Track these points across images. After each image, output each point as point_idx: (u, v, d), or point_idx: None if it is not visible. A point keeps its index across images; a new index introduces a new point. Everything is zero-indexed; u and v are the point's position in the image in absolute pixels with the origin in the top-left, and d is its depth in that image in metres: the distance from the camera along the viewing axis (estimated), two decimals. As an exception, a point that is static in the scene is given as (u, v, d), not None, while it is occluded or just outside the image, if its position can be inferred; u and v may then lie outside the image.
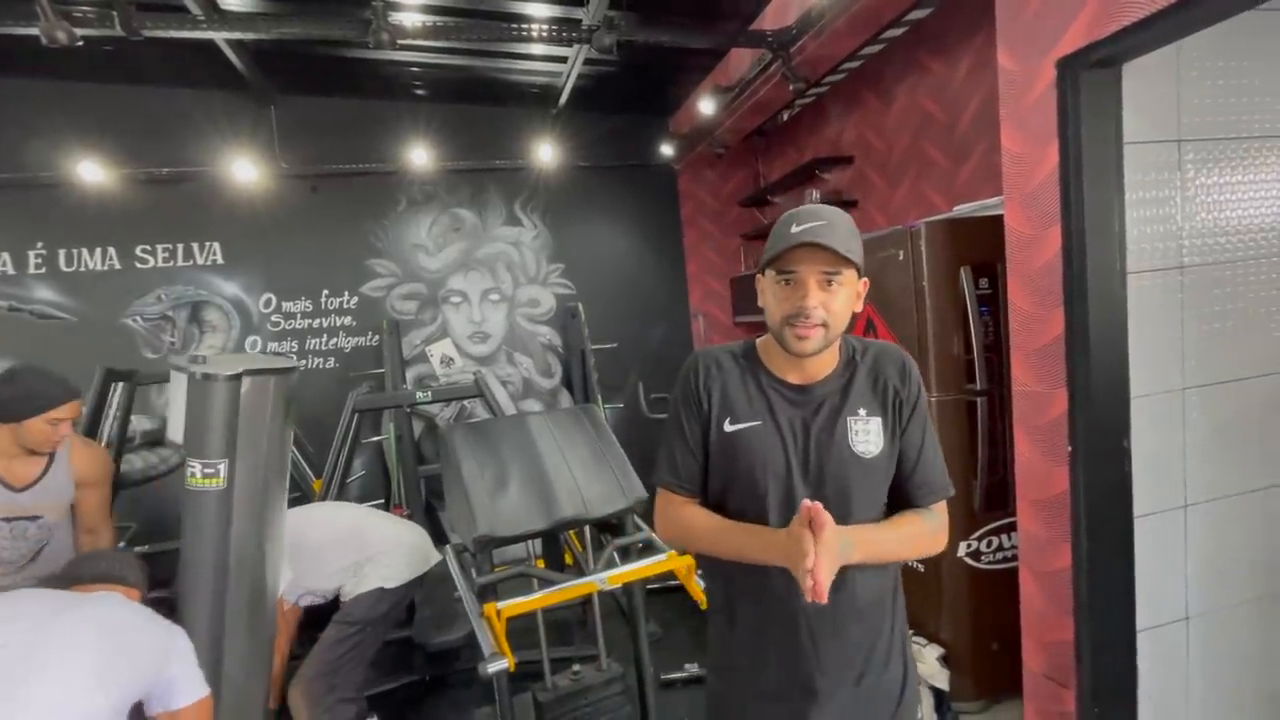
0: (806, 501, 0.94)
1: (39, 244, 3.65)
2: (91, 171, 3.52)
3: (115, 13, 2.38)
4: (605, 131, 4.49)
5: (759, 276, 1.09)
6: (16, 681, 1.13)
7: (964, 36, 2.83)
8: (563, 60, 3.66)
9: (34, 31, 2.31)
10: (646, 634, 2.07)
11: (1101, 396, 1.65)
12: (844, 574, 0.99)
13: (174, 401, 1.69)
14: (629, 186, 4.68)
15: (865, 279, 1.07)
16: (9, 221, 3.59)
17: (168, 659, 1.38)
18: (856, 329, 2.63)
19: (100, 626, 1.28)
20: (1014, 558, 2.30)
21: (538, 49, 3.57)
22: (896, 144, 3.37)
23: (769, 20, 3.08)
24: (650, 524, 1.48)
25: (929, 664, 2.31)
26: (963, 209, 2.52)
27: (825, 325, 1.01)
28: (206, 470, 1.62)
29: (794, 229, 0.99)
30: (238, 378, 1.66)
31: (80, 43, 2.37)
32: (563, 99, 4.02)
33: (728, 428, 1.08)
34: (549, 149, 4.15)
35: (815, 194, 3.97)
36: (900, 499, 1.11)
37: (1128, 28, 1.44)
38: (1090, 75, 1.58)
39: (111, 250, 3.77)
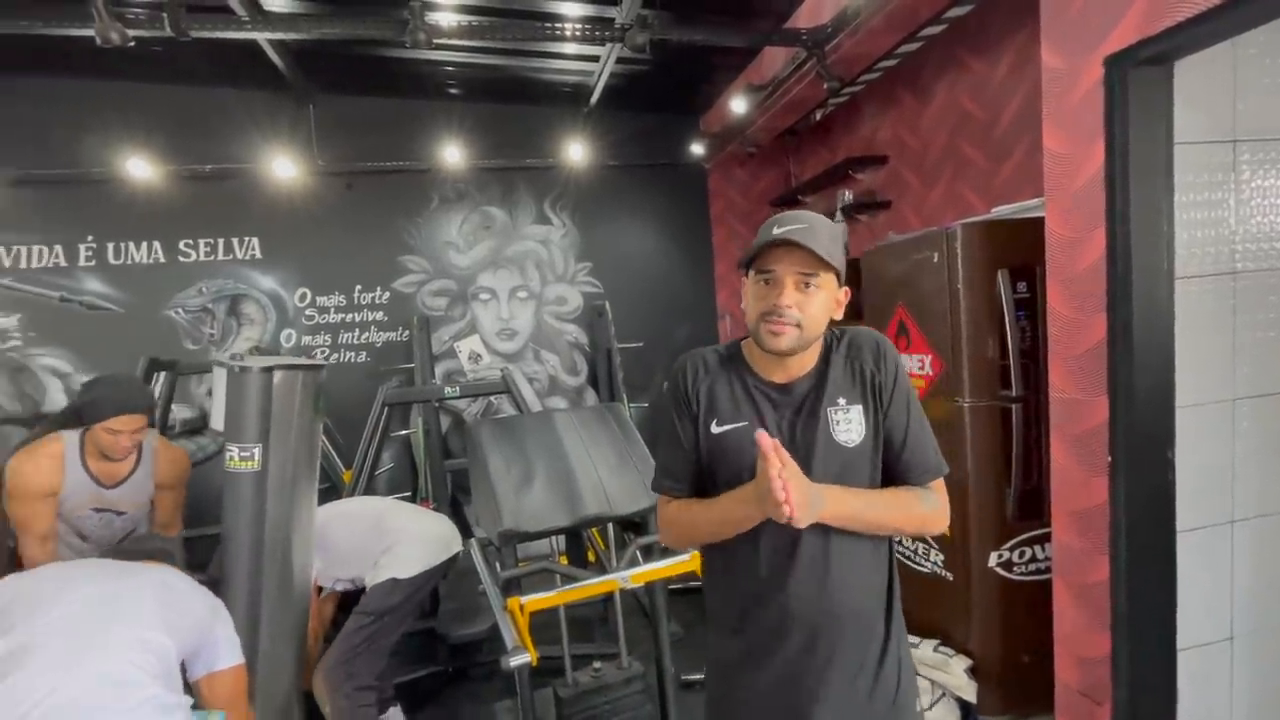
0: (761, 434, 0.94)
1: (89, 238, 3.80)
2: (139, 168, 3.65)
3: (165, 14, 2.46)
4: (635, 130, 4.49)
5: (742, 279, 1.10)
6: (108, 620, 1.38)
7: (1005, 33, 2.76)
8: (595, 59, 3.68)
9: (89, 33, 2.40)
10: (668, 634, 2.07)
11: (1145, 405, 1.59)
12: (837, 565, 1.05)
13: (216, 393, 1.82)
14: (658, 185, 4.68)
15: (847, 288, 1.08)
16: (62, 216, 3.74)
17: (214, 620, 1.58)
18: (889, 332, 2.59)
19: (159, 586, 1.52)
20: (1048, 569, 2.23)
21: (570, 48, 3.58)
22: (933, 143, 3.31)
23: (803, 18, 3.05)
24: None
25: (956, 675, 2.26)
26: (1001, 210, 2.46)
27: (800, 326, 1.01)
28: (243, 454, 1.75)
29: (775, 230, 1.01)
30: (269, 371, 1.81)
31: (132, 43, 2.46)
32: (594, 98, 4.03)
33: (714, 429, 1.09)
34: (579, 148, 4.17)
35: (848, 194, 3.92)
36: (894, 482, 1.10)
37: (1181, 24, 1.39)
38: (1140, 73, 1.52)
39: (156, 244, 3.90)
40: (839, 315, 1.07)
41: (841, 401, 1.07)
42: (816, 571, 1.05)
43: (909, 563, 2.56)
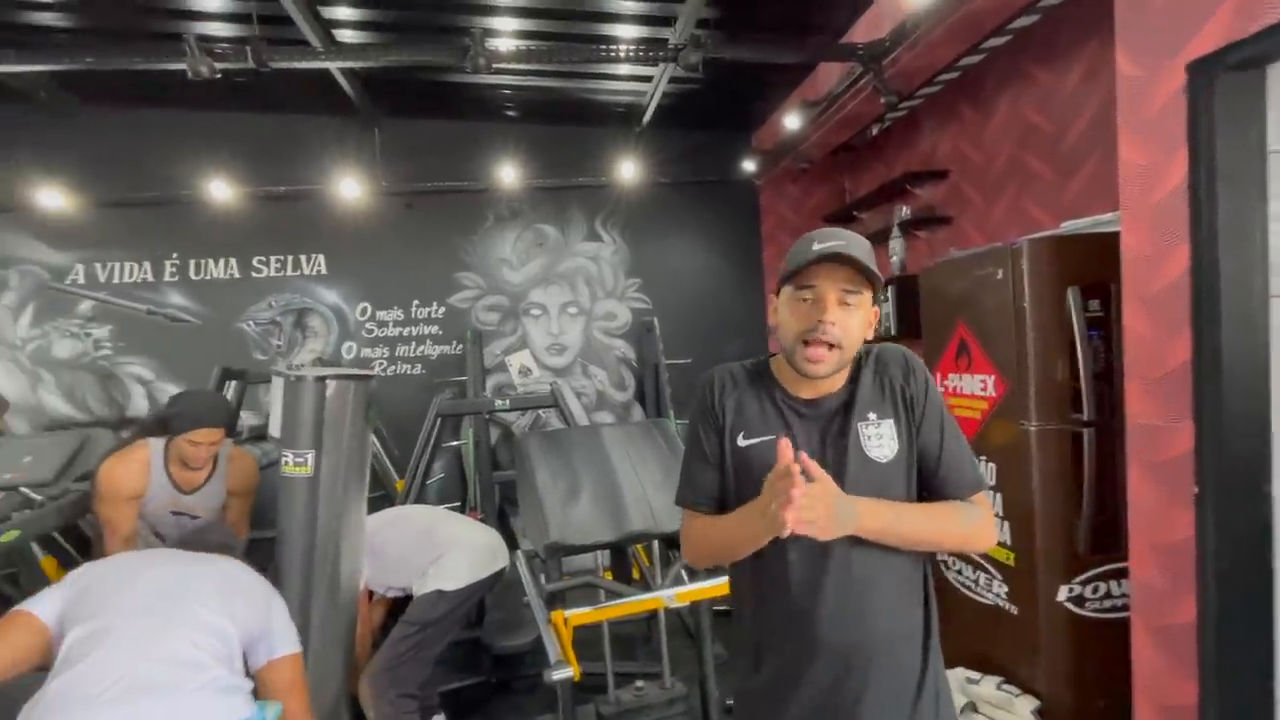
0: (783, 442, 0.92)
1: (174, 255, 4.08)
2: (220, 190, 3.90)
3: (249, 47, 2.63)
4: (687, 148, 4.52)
5: (772, 296, 1.10)
6: (176, 603, 1.48)
7: (1075, 42, 2.66)
8: (648, 79, 3.73)
9: (182, 66, 2.59)
10: (712, 655, 2.02)
11: (1237, 433, 1.47)
12: (869, 590, 1.02)
13: (274, 402, 1.88)
14: (709, 202, 4.68)
15: (877, 308, 1.07)
16: (151, 235, 4.03)
17: (270, 608, 1.65)
18: (949, 351, 2.49)
19: (224, 573, 1.63)
20: (1124, 606, 2.08)
21: (624, 69, 3.65)
22: (996, 158, 3.20)
23: (860, 33, 3.01)
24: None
25: (1022, 716, 2.12)
26: (1071, 225, 2.35)
27: (840, 347, 1.00)
28: (297, 459, 1.82)
29: (815, 246, 1.00)
30: (323, 381, 1.88)
31: (219, 75, 2.64)
32: (647, 116, 4.08)
33: (741, 443, 1.08)
34: (631, 166, 4.22)
35: (905, 209, 3.82)
36: (934, 498, 1.08)
37: (1276, 25, 1.30)
38: (1228, 78, 1.43)
39: (233, 261, 4.15)
40: (870, 335, 1.06)
41: (872, 416, 1.05)
42: (848, 596, 1.02)
43: (968, 592, 2.43)
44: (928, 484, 1.07)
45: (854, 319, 1.01)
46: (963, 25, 2.46)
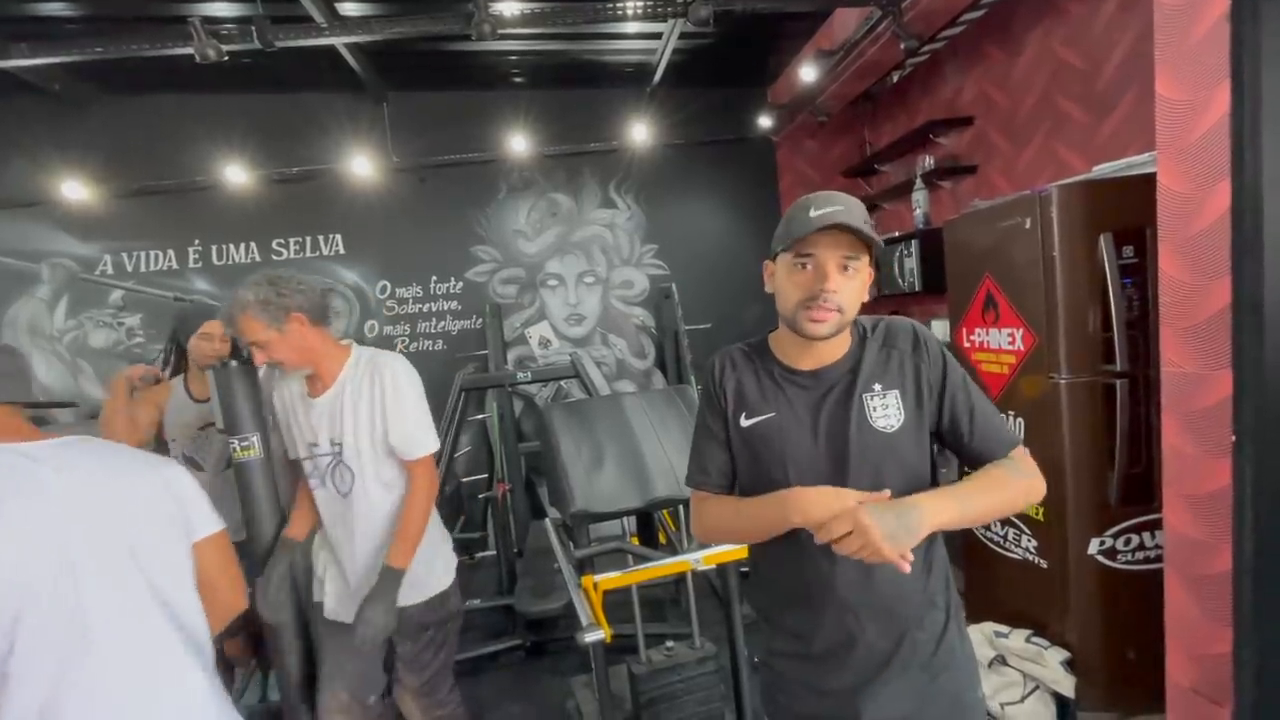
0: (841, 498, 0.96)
1: (196, 241, 4.13)
2: (236, 174, 3.93)
3: (253, 27, 2.61)
4: (700, 107, 4.40)
5: (768, 263, 1.10)
6: None
7: (1108, -28, 2.50)
8: (657, 36, 3.62)
9: (189, 51, 2.58)
10: (740, 615, 2.06)
11: (1278, 379, 1.42)
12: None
13: (212, 393, 1.83)
14: (724, 162, 4.58)
15: (873, 270, 1.07)
16: (174, 223, 4.08)
17: None
18: (975, 305, 2.43)
19: None
20: (1157, 558, 2.06)
21: (632, 27, 3.54)
22: (1024, 100, 3.06)
23: (876, -25, 2.87)
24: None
25: (1052, 668, 2.13)
26: (1104, 169, 2.25)
27: (840, 310, 1.00)
28: (243, 444, 1.76)
29: (813, 213, 0.99)
30: (249, 362, 1.77)
31: (225, 58, 2.63)
32: (657, 76, 3.98)
33: (744, 422, 1.09)
34: (643, 128, 4.13)
35: (929, 160, 3.70)
36: (976, 465, 1.08)
37: (1329, -61, 1.20)
38: (1275, 4, 1.33)
39: (253, 244, 4.20)
40: (868, 297, 1.06)
41: (877, 387, 1.05)
42: (859, 560, 1.01)
43: (996, 548, 2.43)
44: (965, 452, 1.08)
45: (854, 284, 1.02)
46: (987, -41, 2.32)
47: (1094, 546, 2.11)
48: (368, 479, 1.69)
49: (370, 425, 1.67)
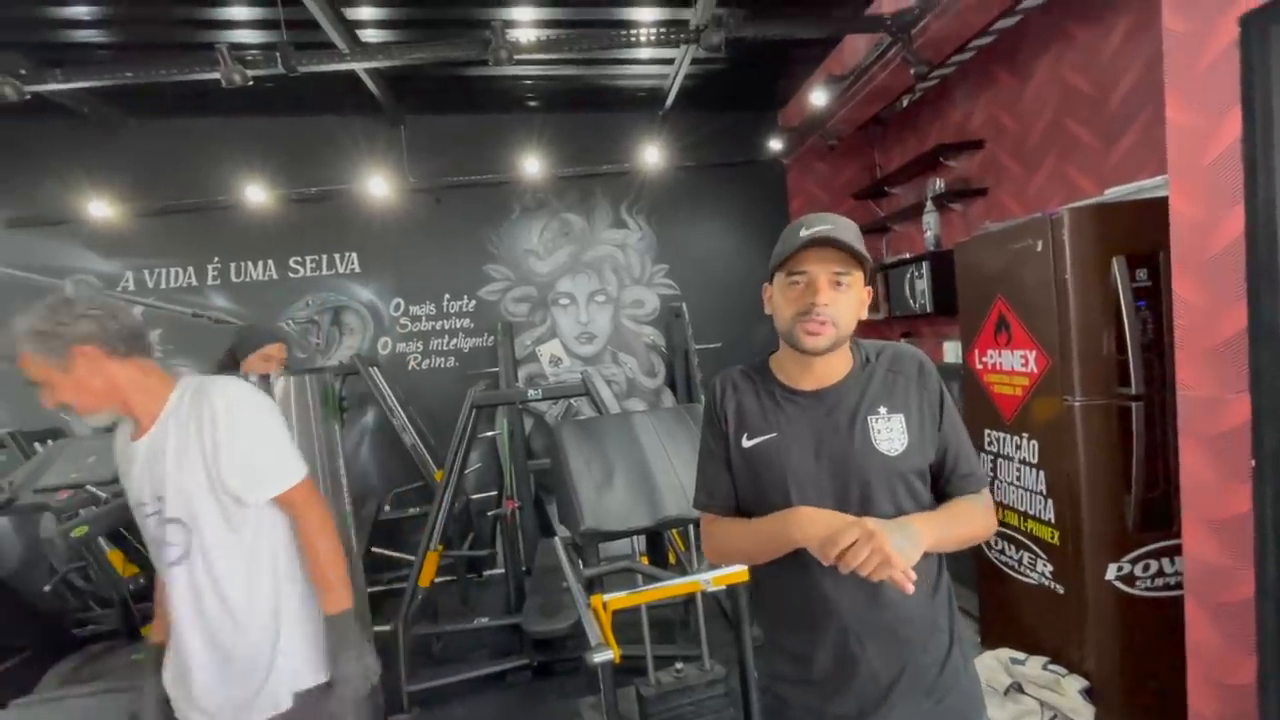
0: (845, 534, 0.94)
1: (215, 259, 4.21)
2: (256, 194, 4.01)
3: (278, 53, 2.69)
4: (711, 130, 4.46)
5: (766, 285, 1.11)
6: None
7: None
8: (669, 62, 3.68)
9: (215, 76, 2.66)
10: (750, 637, 2.03)
11: (1298, 404, 1.40)
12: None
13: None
14: (735, 184, 4.63)
15: (870, 288, 1.08)
16: (194, 241, 4.17)
17: None
18: (987, 327, 2.43)
19: None
20: (1177, 585, 2.02)
21: (645, 53, 3.61)
22: (1034, 124, 3.08)
23: (887, 3, 2.92)
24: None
25: (1069, 696, 2.09)
26: (1116, 192, 2.25)
27: (834, 324, 1.02)
28: None
29: (804, 232, 1.02)
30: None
31: (250, 83, 2.71)
32: (669, 100, 4.04)
33: (745, 443, 1.10)
34: (654, 151, 4.19)
35: (939, 182, 3.72)
36: (947, 495, 1.10)
37: (1336, -32, 1.22)
38: (1284, 28, 1.35)
39: (270, 262, 4.27)
40: (864, 315, 1.08)
41: (882, 410, 1.06)
42: (865, 583, 1.01)
43: (1011, 572, 2.39)
44: (944, 485, 1.10)
45: (846, 299, 1.03)
46: (996, -13, 2.36)
47: (1112, 572, 2.07)
48: (207, 543, 1.30)
49: (205, 470, 1.29)
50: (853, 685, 1.05)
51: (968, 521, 1.06)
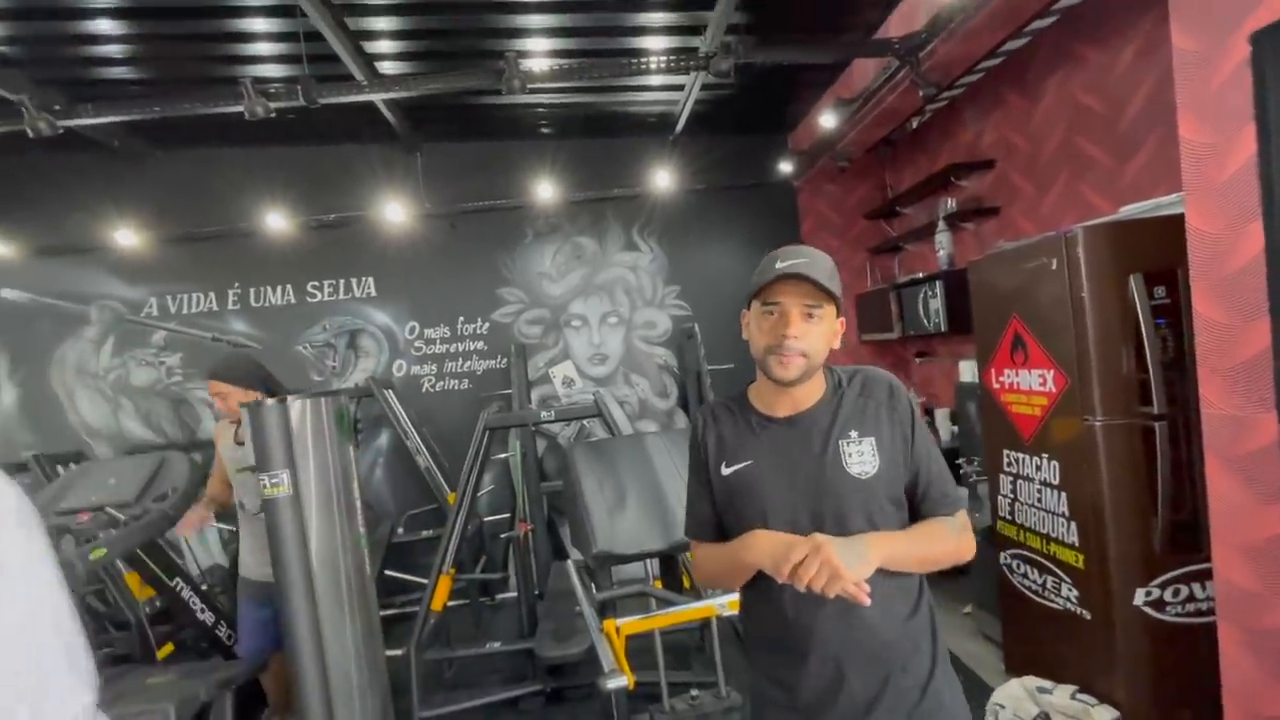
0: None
1: (236, 284, 4.30)
2: (276, 221, 4.11)
3: (299, 86, 2.77)
4: (722, 153, 4.51)
5: (744, 312, 1.14)
6: None
7: (1127, 18, 2.54)
8: (680, 88, 3.74)
9: (239, 109, 2.75)
10: (769, 665, 1.99)
11: (1327, 422, 1.37)
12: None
13: (246, 432, 1.90)
14: (746, 206, 4.66)
15: (843, 319, 1.11)
16: (215, 267, 4.27)
17: None
18: (1003, 346, 2.41)
19: None
20: (1209, 610, 1.95)
21: (656, 79, 3.67)
22: (1045, 143, 3.08)
23: (894, 27, 2.96)
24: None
25: (1100, 729, 2.01)
26: (1131, 209, 2.24)
27: (805, 355, 1.05)
28: (273, 480, 1.82)
29: (778, 265, 1.05)
30: (283, 401, 1.88)
31: (273, 114, 2.79)
32: (680, 125, 4.10)
33: (724, 471, 1.13)
34: (666, 175, 4.24)
35: (950, 202, 3.72)
36: (922, 517, 1.11)
37: (1347, -15, 1.22)
38: (1296, 45, 1.35)
39: (289, 287, 4.35)
40: (837, 345, 1.10)
41: (854, 434, 1.08)
42: (842, 605, 1.02)
43: (1036, 597, 2.33)
44: (917, 506, 1.11)
45: (818, 330, 1.06)
46: (1005, 9, 2.38)
47: (1140, 597, 2.02)
48: None
49: None
50: (834, 709, 1.06)
51: (931, 542, 1.07)
